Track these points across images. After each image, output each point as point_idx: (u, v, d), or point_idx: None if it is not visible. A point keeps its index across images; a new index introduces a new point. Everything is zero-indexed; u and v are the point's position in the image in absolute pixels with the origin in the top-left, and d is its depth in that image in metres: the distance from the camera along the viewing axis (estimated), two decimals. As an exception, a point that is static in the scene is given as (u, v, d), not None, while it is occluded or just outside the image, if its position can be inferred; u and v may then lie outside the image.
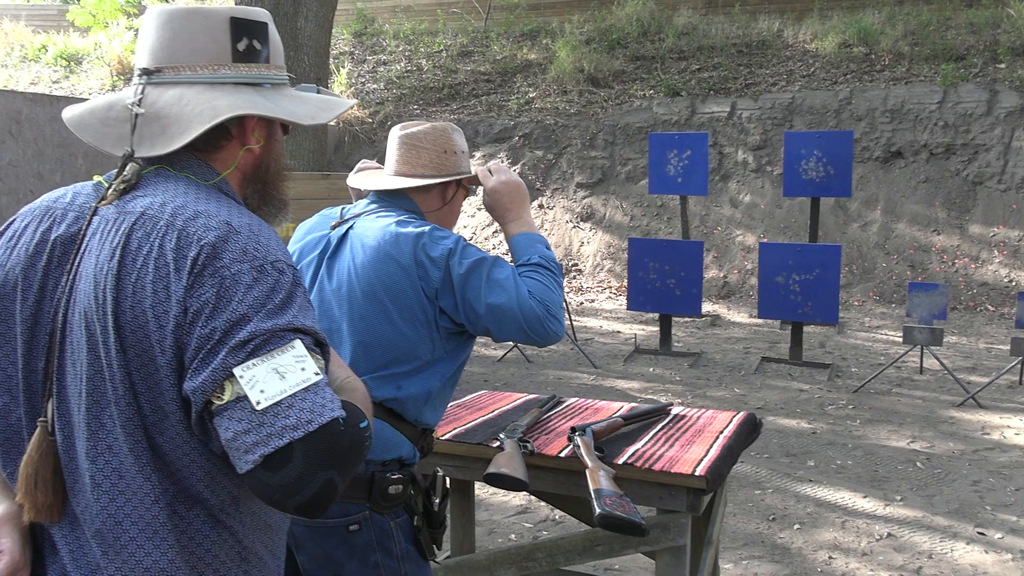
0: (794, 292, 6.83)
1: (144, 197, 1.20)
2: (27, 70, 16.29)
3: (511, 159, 12.16)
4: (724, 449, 2.35)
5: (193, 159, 1.28)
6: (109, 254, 1.15)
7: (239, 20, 1.29)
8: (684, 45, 12.98)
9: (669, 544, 2.24)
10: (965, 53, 11.19)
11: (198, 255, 1.12)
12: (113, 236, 1.17)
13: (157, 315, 1.11)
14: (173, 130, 1.23)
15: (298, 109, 1.34)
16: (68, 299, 1.18)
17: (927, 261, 9.76)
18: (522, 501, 4.29)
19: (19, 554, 1.16)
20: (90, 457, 1.14)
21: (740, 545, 3.82)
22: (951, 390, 6.25)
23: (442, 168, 2.05)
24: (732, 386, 6.49)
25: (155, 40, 1.28)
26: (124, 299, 1.13)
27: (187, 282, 1.11)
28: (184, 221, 1.15)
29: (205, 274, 1.11)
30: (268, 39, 1.33)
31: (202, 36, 1.27)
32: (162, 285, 1.12)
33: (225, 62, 1.28)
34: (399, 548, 1.87)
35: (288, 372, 1.08)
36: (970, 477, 4.61)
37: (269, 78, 1.33)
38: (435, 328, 1.90)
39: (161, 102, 1.25)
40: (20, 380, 1.20)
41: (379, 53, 15.10)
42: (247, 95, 1.28)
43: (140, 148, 1.24)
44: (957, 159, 10.19)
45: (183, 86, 1.26)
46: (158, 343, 1.11)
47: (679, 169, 7.38)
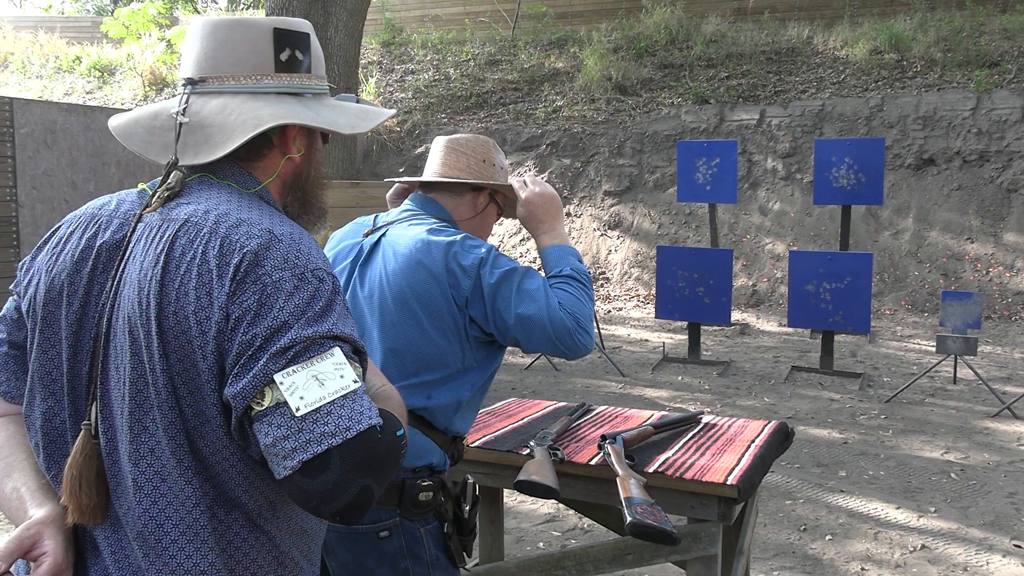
0: (825, 301, 6.77)
1: (188, 204, 1.22)
2: (61, 81, 16.56)
3: (539, 167, 12.17)
4: (756, 458, 2.32)
5: (235, 167, 1.30)
6: (153, 260, 1.17)
7: (282, 31, 1.31)
8: (712, 52, 12.93)
9: (700, 554, 2.22)
10: (999, 59, 11.04)
11: (240, 262, 1.14)
12: (157, 242, 1.18)
13: (199, 321, 1.13)
14: (217, 139, 1.25)
15: (339, 119, 1.35)
16: (113, 304, 1.19)
17: (960, 270, 9.63)
18: (550, 509, 4.28)
19: (62, 556, 1.17)
20: (132, 460, 1.16)
21: (771, 556, 3.77)
22: (986, 400, 6.15)
23: (479, 175, 2.07)
24: (762, 395, 6.43)
25: (199, 51, 1.30)
26: (167, 304, 1.14)
27: (229, 288, 1.12)
28: (227, 228, 1.17)
29: (247, 281, 1.13)
30: (310, 49, 1.35)
31: (245, 46, 1.29)
32: (205, 291, 1.13)
33: (268, 72, 1.30)
34: (429, 555, 1.87)
35: (327, 379, 1.09)
36: (1006, 489, 4.53)
37: (311, 88, 1.35)
38: (465, 337, 1.91)
39: (205, 111, 1.27)
40: (65, 384, 1.22)
41: (407, 62, 15.18)
42: (289, 105, 1.30)
43: (184, 156, 1.26)
44: (991, 166, 10.05)
45: (227, 96, 1.28)
46: (200, 348, 1.12)
47: (708, 177, 7.35)
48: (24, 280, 1.31)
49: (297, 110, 1.30)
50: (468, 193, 2.08)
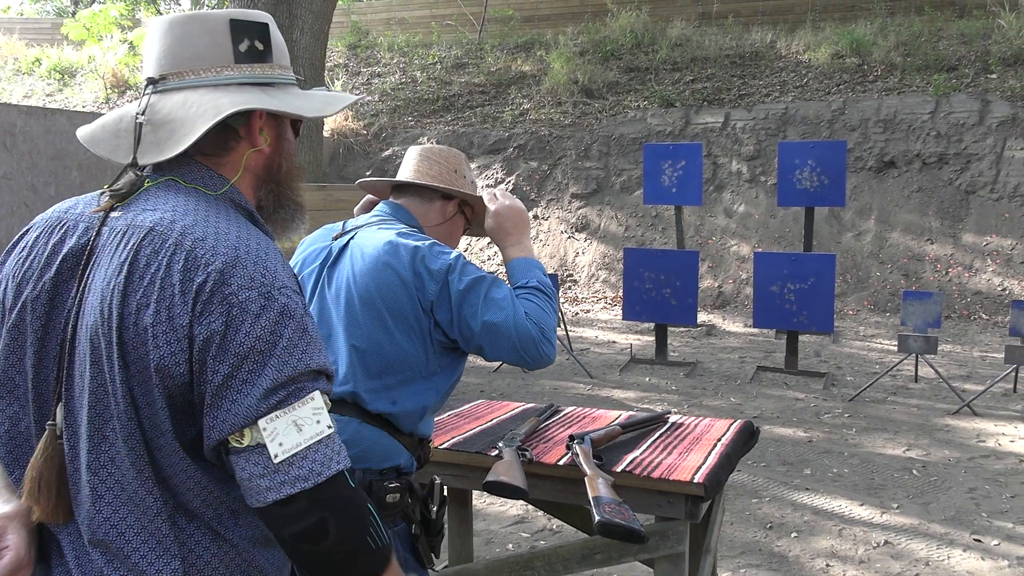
0: (789, 301, 6.85)
1: (154, 211, 1.20)
2: (20, 83, 16.30)
3: (505, 170, 12.19)
4: (722, 456, 2.35)
5: (203, 169, 1.28)
6: (116, 269, 1.16)
7: (238, 21, 1.29)
8: (678, 56, 13.04)
9: (668, 552, 2.24)
10: (957, 64, 11.26)
11: (205, 281, 1.13)
12: (122, 251, 1.17)
13: (156, 335, 1.12)
14: (179, 132, 1.23)
15: (304, 104, 1.34)
16: (78, 311, 1.18)
17: (921, 270, 9.80)
18: (519, 511, 4.29)
19: (24, 551, 1.16)
20: (92, 469, 1.15)
21: (738, 553, 3.81)
22: (946, 398, 6.26)
23: (450, 183, 2.11)
24: (728, 395, 6.50)
25: (158, 49, 1.29)
26: (128, 315, 1.13)
27: (193, 309, 1.12)
28: (192, 242, 1.15)
29: (213, 301, 1.12)
30: (270, 39, 1.33)
31: (202, 40, 1.27)
32: (165, 306, 1.12)
33: (228, 64, 1.28)
34: (398, 556, 1.87)
35: (305, 425, 1.13)
36: (966, 484, 4.62)
37: (274, 77, 1.33)
38: (429, 340, 1.92)
39: (166, 108, 1.25)
40: (30, 389, 1.21)
41: (373, 65, 15.14)
42: (252, 94, 1.28)
43: (146, 156, 1.24)
44: (950, 169, 10.24)
45: (187, 90, 1.26)
46: (153, 362, 1.12)
47: (673, 179, 7.41)
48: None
49: (260, 98, 1.28)
50: (438, 200, 2.11)
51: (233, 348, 1.11)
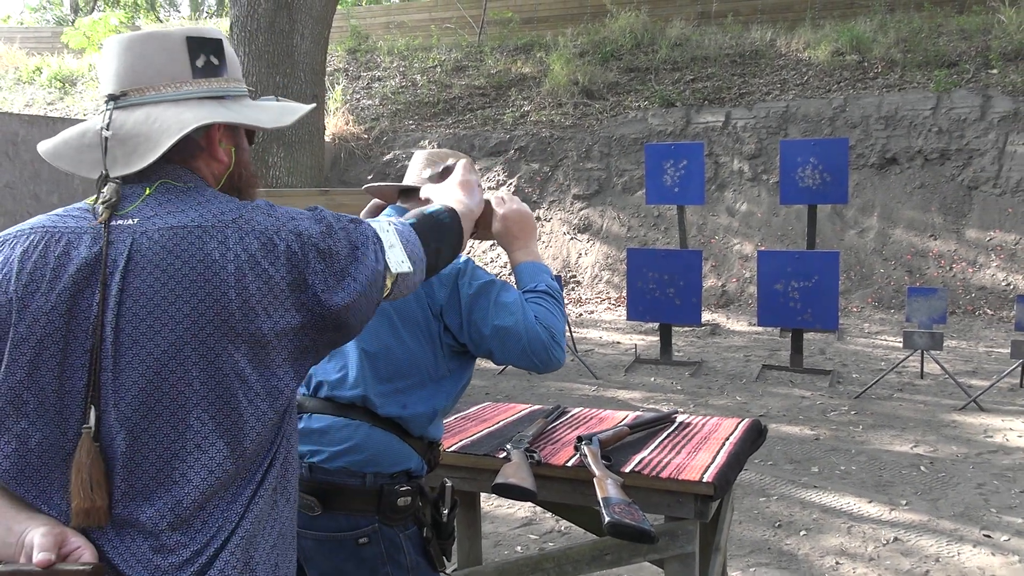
0: (793, 299, 6.84)
1: (173, 213, 1.25)
2: (21, 92, 16.32)
3: (507, 172, 12.19)
4: (731, 455, 2.34)
5: (188, 172, 1.34)
6: (185, 269, 1.20)
7: (194, 39, 1.35)
8: (678, 56, 13.04)
9: (678, 551, 2.23)
10: (957, 59, 11.25)
11: (289, 245, 1.26)
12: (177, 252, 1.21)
13: (265, 307, 1.22)
14: (144, 147, 1.28)
15: (261, 116, 1.40)
16: (116, 316, 1.20)
17: (924, 266, 9.78)
18: (528, 513, 4.28)
19: (93, 549, 1.19)
20: (178, 456, 1.21)
21: (747, 552, 3.81)
22: (952, 394, 6.25)
23: None
24: (734, 394, 6.49)
25: (117, 66, 1.33)
26: (227, 304, 1.20)
27: (290, 270, 1.25)
28: (246, 222, 1.26)
29: (304, 251, 1.27)
30: (224, 54, 1.39)
31: (161, 56, 1.32)
32: (262, 281, 1.22)
33: (186, 79, 1.33)
34: (409, 560, 1.88)
35: (394, 246, 1.40)
36: (974, 480, 4.60)
37: (230, 91, 1.39)
38: (439, 344, 1.93)
39: (130, 123, 1.29)
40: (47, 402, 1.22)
41: (373, 69, 15.15)
42: (211, 107, 1.34)
43: (114, 169, 1.28)
44: (952, 164, 10.23)
45: (149, 106, 1.31)
46: (269, 331, 1.23)
47: (675, 179, 7.40)
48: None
49: (219, 111, 1.34)
50: None
51: (335, 254, 1.29)
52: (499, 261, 11.50)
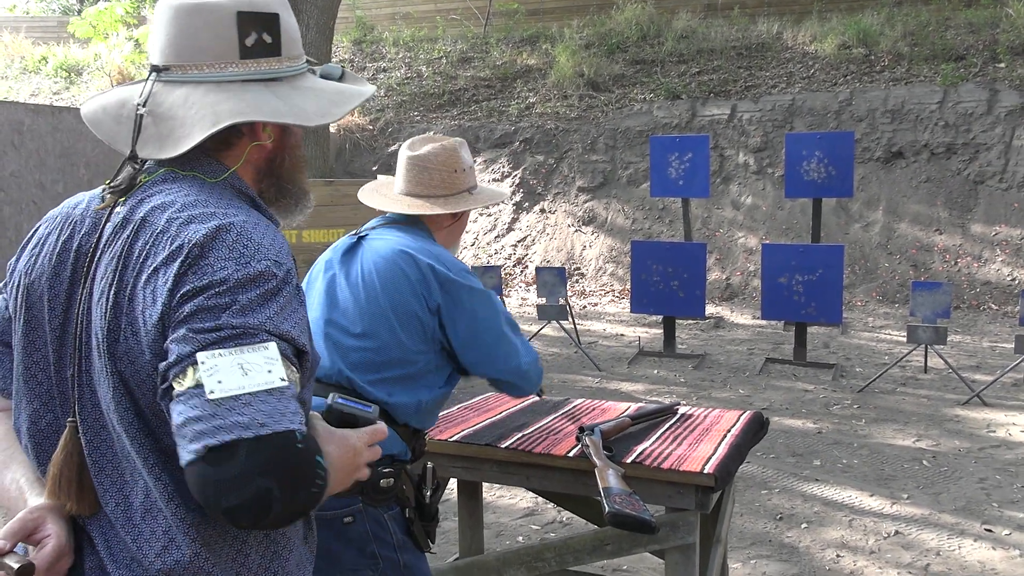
0: (797, 293, 6.84)
1: (149, 202, 1.20)
2: (27, 82, 16.34)
3: (512, 164, 12.18)
4: (732, 447, 2.35)
5: (203, 157, 1.26)
6: (113, 263, 1.16)
7: (246, 14, 1.25)
8: (683, 48, 13.00)
9: (678, 542, 2.24)
10: (965, 53, 11.20)
11: (187, 256, 1.11)
12: (119, 245, 1.17)
13: (146, 319, 1.11)
14: (177, 133, 1.21)
15: (307, 105, 1.29)
16: (88, 307, 1.18)
17: (929, 261, 9.76)
18: (530, 503, 4.30)
19: (65, 539, 1.16)
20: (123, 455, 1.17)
21: (748, 544, 3.82)
22: (956, 388, 6.24)
23: (451, 187, 2.13)
24: (737, 387, 6.49)
25: (163, 36, 1.26)
26: (121, 305, 1.14)
27: (173, 283, 1.09)
28: (178, 227, 1.14)
29: (190, 272, 1.10)
30: (280, 30, 1.29)
31: (207, 33, 1.24)
32: (150, 289, 1.11)
33: (232, 59, 1.25)
34: (395, 539, 1.92)
35: (253, 370, 1.03)
36: (976, 475, 4.61)
37: (280, 72, 1.29)
38: (432, 341, 1.97)
39: (168, 102, 1.23)
40: (53, 387, 1.22)
41: (379, 60, 15.13)
42: (255, 94, 1.25)
43: (144, 150, 1.22)
44: (958, 159, 10.20)
45: (189, 86, 1.24)
46: (148, 347, 1.10)
47: (680, 172, 7.39)
48: (10, 282, 1.30)
49: (262, 100, 1.25)
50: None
51: (197, 300, 1.07)
52: (503, 253, 11.51)
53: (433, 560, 3.56)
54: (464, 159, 2.16)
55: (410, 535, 1.95)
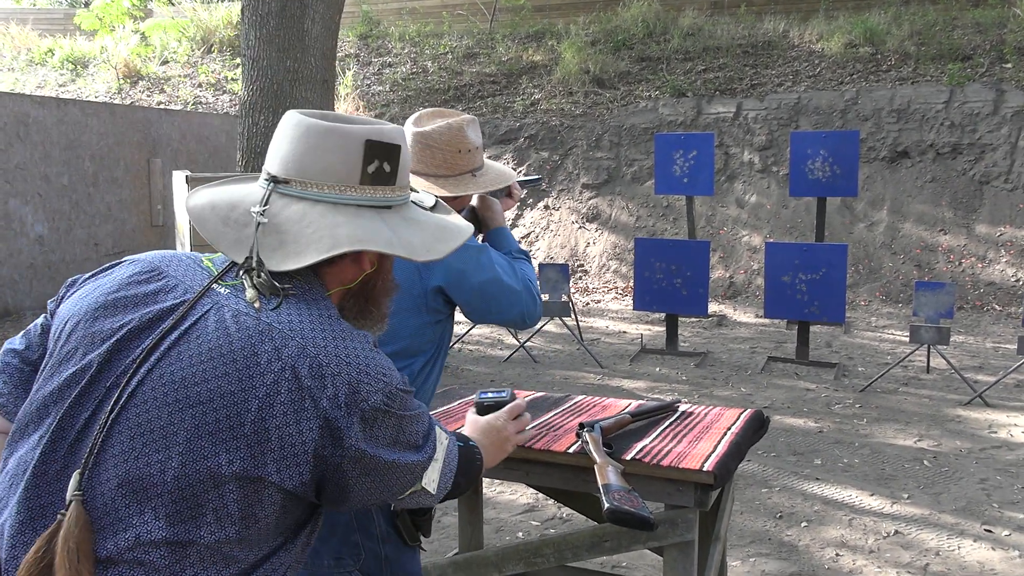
0: (800, 292, 6.83)
1: (270, 310, 1.21)
2: (34, 73, 16.36)
3: (516, 160, 12.18)
4: (732, 445, 2.35)
5: (307, 272, 1.27)
6: (228, 352, 1.15)
7: (374, 143, 1.28)
8: (690, 46, 12.98)
9: (677, 540, 2.24)
10: (971, 53, 11.17)
11: (337, 392, 1.17)
12: (236, 335, 1.17)
13: (286, 434, 1.14)
14: (290, 248, 1.23)
15: (414, 239, 1.33)
16: (152, 366, 1.17)
17: (933, 261, 9.75)
18: (530, 499, 4.30)
19: None
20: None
21: (747, 543, 3.82)
22: (958, 389, 6.24)
23: (455, 167, 2.10)
24: (738, 385, 6.49)
25: (288, 150, 1.28)
26: (245, 403, 1.13)
27: (325, 423, 1.16)
28: (316, 350, 1.18)
29: (352, 413, 1.18)
30: (399, 160, 1.32)
31: (335, 156, 1.27)
32: (293, 408, 1.14)
33: (353, 184, 1.28)
34: (380, 530, 1.93)
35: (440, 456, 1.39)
36: (977, 475, 4.61)
37: (393, 200, 1.33)
38: (425, 312, 2.00)
39: (284, 215, 1.25)
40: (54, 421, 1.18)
41: (384, 55, 15.13)
42: (368, 220, 1.28)
43: (262, 257, 1.24)
44: (964, 159, 10.18)
45: (308, 202, 1.26)
46: (270, 465, 1.14)
47: (685, 169, 7.39)
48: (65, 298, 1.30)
49: (376, 228, 1.28)
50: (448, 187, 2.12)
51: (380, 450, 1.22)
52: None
53: (432, 555, 3.58)
54: (471, 139, 2.11)
55: (395, 528, 1.94)
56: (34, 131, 9.14)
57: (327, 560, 1.92)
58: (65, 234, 9.47)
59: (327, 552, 1.91)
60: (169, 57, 15.91)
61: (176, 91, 14.92)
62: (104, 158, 9.94)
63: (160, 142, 10.75)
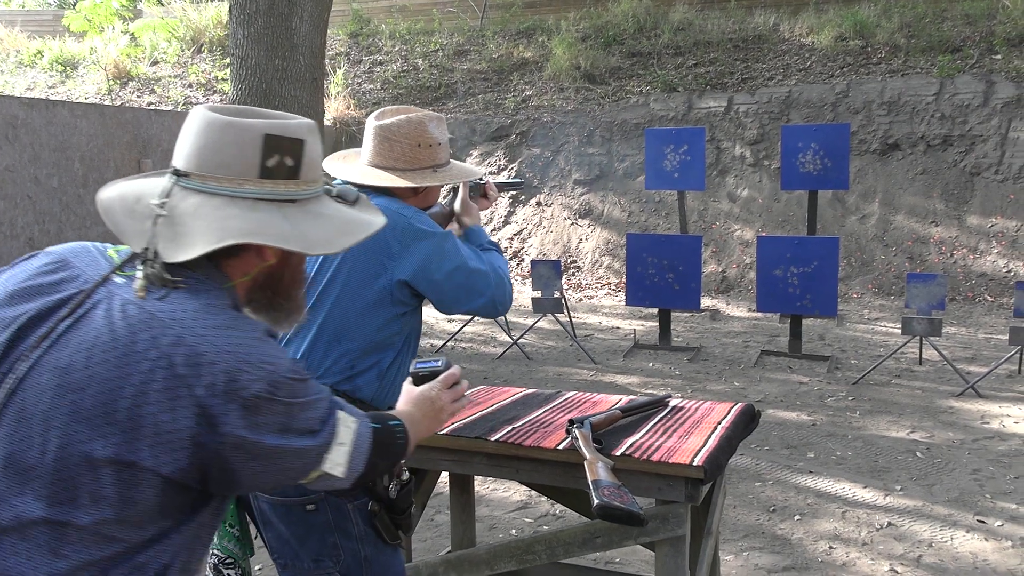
0: (793, 285, 6.84)
1: (156, 299, 1.22)
2: (23, 75, 16.29)
3: (508, 157, 12.17)
4: (722, 439, 2.35)
5: (206, 263, 1.30)
6: (110, 339, 1.18)
7: (273, 137, 1.30)
8: (680, 41, 12.98)
9: (668, 535, 2.24)
10: (961, 44, 11.19)
11: (214, 381, 1.18)
12: (119, 323, 1.19)
13: (160, 421, 1.16)
14: (182, 240, 1.25)
15: (313, 233, 1.34)
16: (45, 352, 1.20)
17: (925, 252, 9.77)
18: (523, 497, 4.30)
19: None
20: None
21: (741, 536, 3.82)
22: (950, 380, 6.25)
23: (414, 161, 2.09)
24: (732, 380, 6.50)
25: (191, 144, 1.30)
26: (118, 389, 1.15)
27: (201, 411, 1.17)
28: (195, 338, 1.19)
29: (225, 396, 1.18)
30: (303, 154, 1.34)
31: (232, 150, 1.28)
32: (167, 396, 1.16)
33: (250, 177, 1.29)
34: (358, 530, 1.92)
35: (346, 439, 1.38)
36: (970, 466, 4.62)
37: (295, 194, 1.34)
38: (391, 304, 1.98)
39: (181, 207, 1.27)
40: None
41: (375, 53, 15.09)
42: (266, 213, 1.29)
43: (158, 248, 1.27)
44: (954, 150, 10.19)
45: (205, 195, 1.28)
46: (145, 452, 1.15)
47: (676, 164, 7.39)
48: None
49: (270, 221, 1.29)
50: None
51: (263, 436, 1.22)
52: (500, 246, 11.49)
53: (424, 553, 3.58)
54: (432, 134, 2.09)
55: (372, 527, 1.93)
56: (23, 133, 9.10)
57: (306, 563, 1.92)
58: (55, 236, 9.43)
59: (306, 554, 1.91)
60: (159, 57, 15.85)
61: (166, 91, 14.87)
62: (94, 159, 9.90)
63: (150, 143, 10.71)
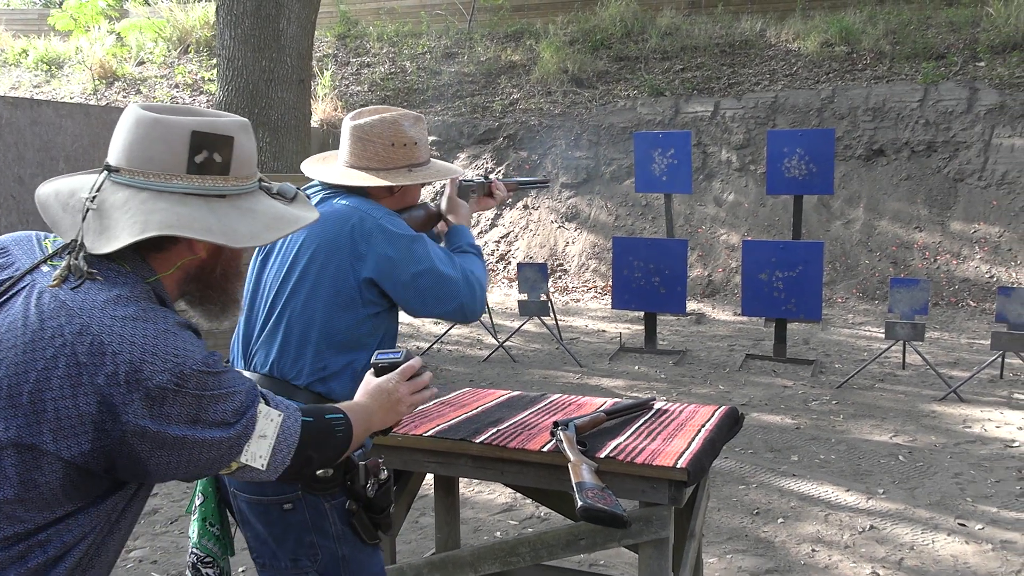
0: (777, 289, 6.87)
1: (72, 287, 1.26)
2: (7, 75, 16.18)
3: (495, 160, 12.18)
4: (706, 442, 2.36)
5: (134, 255, 1.33)
6: (21, 325, 1.22)
7: (200, 134, 1.33)
8: (667, 45, 13.03)
9: (652, 537, 2.25)
10: (945, 52, 11.28)
11: (116, 370, 1.19)
12: (31, 309, 1.23)
13: (61, 406, 1.18)
14: (107, 233, 1.28)
15: (240, 227, 1.36)
16: None
17: (909, 258, 9.83)
18: (508, 499, 4.30)
19: None
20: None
21: (724, 539, 3.84)
22: (933, 384, 6.30)
23: (388, 161, 2.08)
24: (717, 383, 6.52)
25: (122, 140, 1.33)
26: (22, 375, 1.19)
27: (103, 400, 1.18)
28: (100, 327, 1.21)
29: (128, 386, 1.20)
30: (233, 152, 1.36)
31: (160, 146, 1.31)
32: (69, 383, 1.18)
33: (178, 173, 1.32)
34: (335, 529, 1.91)
35: (267, 431, 1.38)
36: (951, 470, 4.65)
37: (225, 189, 1.36)
38: (361, 305, 1.97)
39: (110, 201, 1.30)
40: None
41: (363, 55, 15.08)
42: (193, 208, 1.32)
43: (85, 241, 1.30)
44: (938, 156, 10.27)
45: (133, 190, 1.31)
46: (47, 436, 1.18)
47: (664, 168, 7.42)
48: None
49: (196, 215, 1.31)
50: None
51: (168, 427, 1.22)
52: (486, 249, 11.50)
53: (409, 555, 3.58)
54: (408, 133, 2.09)
55: (350, 526, 1.93)
56: (7, 132, 9.05)
57: (284, 562, 1.92)
58: (39, 236, 9.37)
59: (284, 553, 1.91)
60: (145, 58, 15.78)
61: (152, 92, 14.80)
62: (79, 160, 9.84)
63: (136, 143, 10.65)
